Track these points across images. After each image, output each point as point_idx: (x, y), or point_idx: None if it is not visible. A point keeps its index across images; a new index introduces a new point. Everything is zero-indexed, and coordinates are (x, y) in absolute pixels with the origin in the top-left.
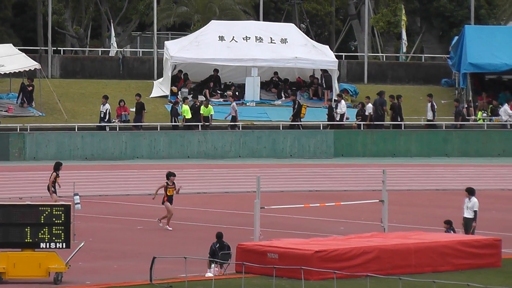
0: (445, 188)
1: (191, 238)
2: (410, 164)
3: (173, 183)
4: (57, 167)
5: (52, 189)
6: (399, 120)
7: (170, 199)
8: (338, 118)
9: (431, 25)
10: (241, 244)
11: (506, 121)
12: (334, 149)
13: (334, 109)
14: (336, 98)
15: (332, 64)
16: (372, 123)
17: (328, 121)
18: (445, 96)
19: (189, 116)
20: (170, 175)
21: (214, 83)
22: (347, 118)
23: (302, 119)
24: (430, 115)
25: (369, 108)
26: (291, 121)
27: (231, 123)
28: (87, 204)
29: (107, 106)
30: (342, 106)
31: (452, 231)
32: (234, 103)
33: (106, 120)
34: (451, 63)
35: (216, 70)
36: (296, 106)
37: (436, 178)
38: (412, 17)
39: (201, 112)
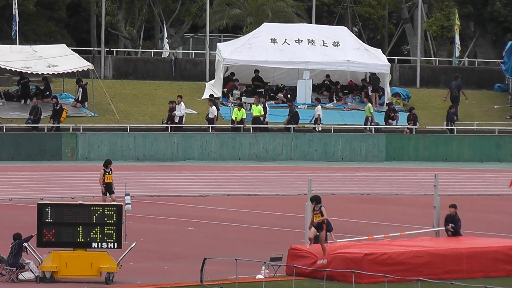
0: (497, 194)
1: (242, 240)
2: (463, 169)
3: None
4: (105, 164)
5: (103, 189)
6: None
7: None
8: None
9: (485, 30)
10: (294, 247)
11: None
12: (385, 153)
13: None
14: (388, 102)
15: (384, 68)
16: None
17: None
18: (498, 101)
19: (240, 118)
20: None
21: (257, 84)
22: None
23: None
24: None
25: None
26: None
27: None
28: (139, 205)
29: (182, 106)
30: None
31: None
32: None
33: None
34: (505, 68)
35: (256, 71)
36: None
37: (488, 183)
38: (465, 22)
39: (251, 110)
